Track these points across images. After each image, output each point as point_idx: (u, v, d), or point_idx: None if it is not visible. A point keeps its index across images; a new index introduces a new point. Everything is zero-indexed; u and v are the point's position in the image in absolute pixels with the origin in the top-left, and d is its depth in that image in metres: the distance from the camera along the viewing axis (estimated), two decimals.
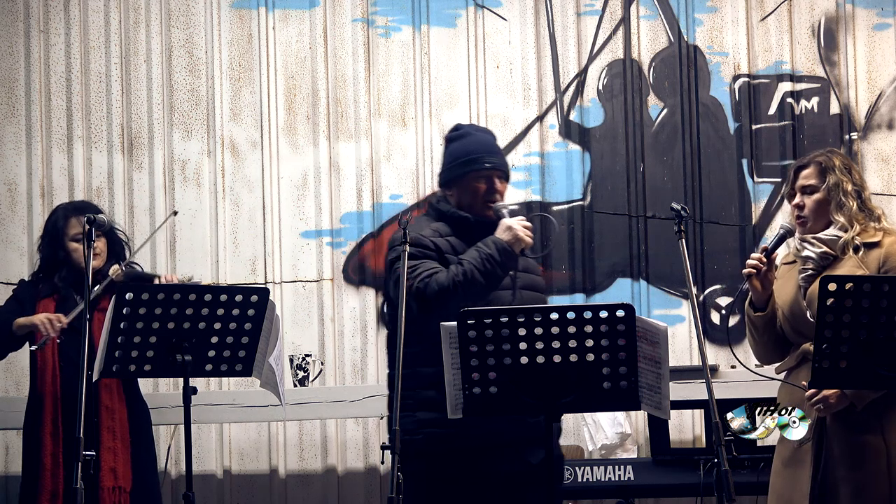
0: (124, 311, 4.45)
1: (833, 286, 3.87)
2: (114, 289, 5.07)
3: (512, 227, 4.38)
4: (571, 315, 3.74)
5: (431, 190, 6.94)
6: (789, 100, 6.87)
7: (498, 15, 7.01)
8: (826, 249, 4.36)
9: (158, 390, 6.61)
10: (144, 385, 5.52)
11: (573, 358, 3.74)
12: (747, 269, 4.37)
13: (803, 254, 4.40)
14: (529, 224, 4.44)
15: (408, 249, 4.22)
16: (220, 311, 4.55)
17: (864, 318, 3.88)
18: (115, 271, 5.25)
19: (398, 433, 3.95)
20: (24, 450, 5.35)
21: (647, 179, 6.90)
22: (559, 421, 4.62)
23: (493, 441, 4.26)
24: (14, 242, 7.00)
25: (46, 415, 5.27)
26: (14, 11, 7.09)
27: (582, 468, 5.87)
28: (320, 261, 6.96)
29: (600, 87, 6.98)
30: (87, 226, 4.57)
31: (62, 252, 5.37)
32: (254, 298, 4.60)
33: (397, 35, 7.04)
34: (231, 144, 7.04)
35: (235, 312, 4.57)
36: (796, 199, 4.46)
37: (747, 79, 6.90)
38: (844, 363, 3.92)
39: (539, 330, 3.72)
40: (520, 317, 3.74)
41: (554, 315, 3.75)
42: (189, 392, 4.55)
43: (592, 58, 6.98)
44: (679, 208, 4.20)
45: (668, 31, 6.95)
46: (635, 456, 6.42)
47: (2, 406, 6.18)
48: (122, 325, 4.46)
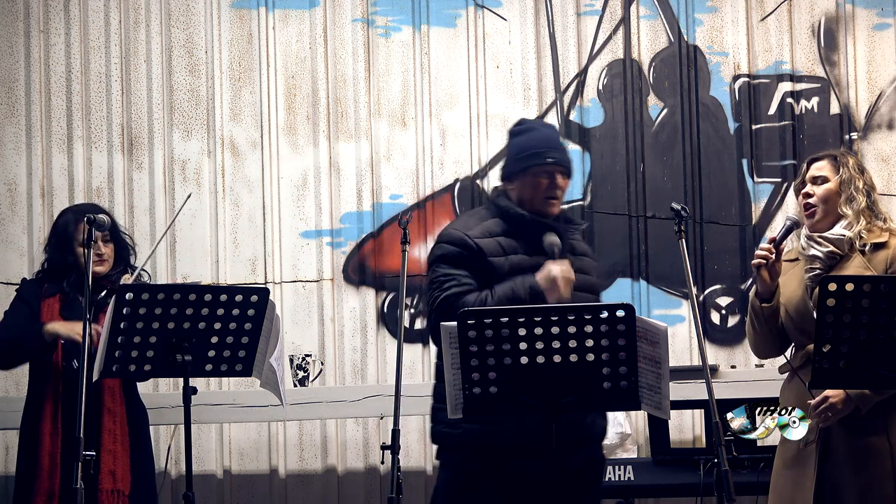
0: (124, 311, 4.45)
1: (833, 286, 3.88)
2: None
3: (555, 279, 4.22)
4: (571, 315, 3.74)
5: (431, 190, 6.96)
6: (789, 100, 6.87)
7: (498, 15, 7.01)
8: (833, 248, 4.36)
9: (158, 390, 6.61)
10: (144, 385, 5.51)
11: (573, 358, 3.74)
12: (756, 260, 4.36)
13: (809, 253, 4.38)
14: (573, 277, 4.26)
15: (407, 249, 4.24)
16: (220, 311, 4.55)
17: (864, 318, 3.88)
18: (127, 282, 5.21)
19: (398, 433, 3.97)
20: (21, 448, 5.33)
21: (647, 179, 6.90)
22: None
23: (531, 440, 4.02)
24: (14, 242, 7.00)
25: (46, 414, 5.26)
26: (14, 11, 7.09)
27: None
28: (320, 261, 6.96)
29: (600, 87, 6.98)
30: (87, 226, 4.56)
31: (71, 256, 5.31)
32: (254, 298, 4.60)
33: (397, 35, 7.04)
34: (231, 144, 7.04)
35: (235, 312, 4.57)
36: (806, 188, 4.45)
37: (747, 79, 6.90)
38: (844, 363, 3.92)
39: (539, 330, 3.72)
40: (520, 317, 3.74)
41: (554, 315, 3.75)
42: (189, 392, 4.55)
43: (592, 58, 6.98)
44: (679, 208, 4.20)
45: (668, 31, 6.95)
46: (635, 456, 6.41)
47: (2, 406, 6.19)
48: (122, 325, 4.46)
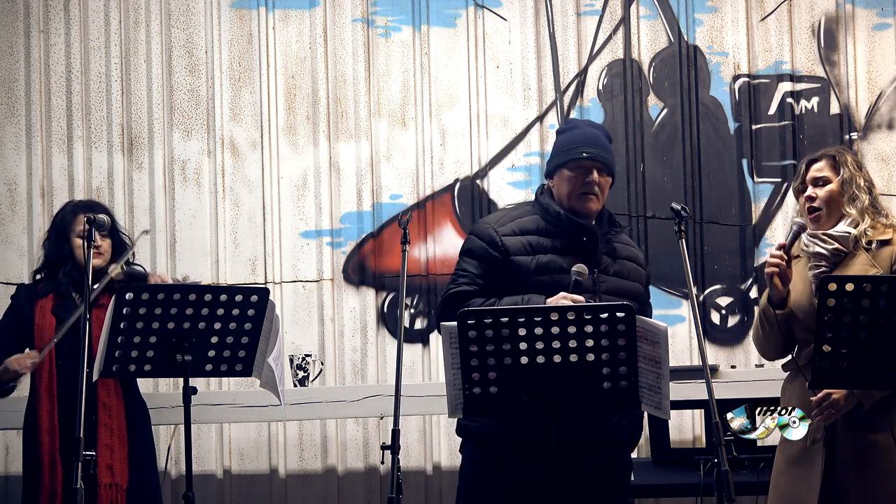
0: (124, 311, 4.46)
1: (833, 286, 3.88)
2: (113, 288, 5.08)
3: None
4: (571, 315, 3.74)
5: (431, 190, 6.96)
6: (789, 100, 6.87)
7: (498, 15, 7.01)
8: (838, 246, 4.35)
9: (158, 390, 6.61)
10: (144, 385, 5.53)
11: (573, 358, 3.74)
12: (770, 269, 4.33)
13: (813, 250, 4.37)
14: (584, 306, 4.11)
15: (407, 249, 4.24)
16: (220, 311, 4.55)
17: (864, 318, 3.88)
18: (115, 270, 5.25)
19: (398, 433, 3.97)
20: (24, 449, 5.37)
21: (647, 179, 6.90)
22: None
23: (541, 441, 3.94)
24: (14, 242, 7.00)
25: (43, 413, 5.28)
26: (14, 11, 7.09)
27: None
28: (320, 261, 6.96)
29: (600, 87, 6.97)
30: (87, 226, 4.57)
31: (67, 246, 5.39)
32: (254, 298, 4.60)
33: (397, 35, 7.03)
34: (231, 144, 7.04)
35: (235, 312, 4.58)
36: (808, 192, 4.44)
37: (747, 79, 6.90)
38: (844, 363, 3.92)
39: (539, 330, 3.72)
40: (520, 317, 3.74)
41: (554, 315, 3.75)
42: (189, 392, 4.55)
43: (592, 58, 6.98)
44: (679, 208, 4.20)
45: (668, 31, 6.95)
46: (635, 456, 6.40)
47: (2, 406, 6.18)
48: (122, 325, 4.46)
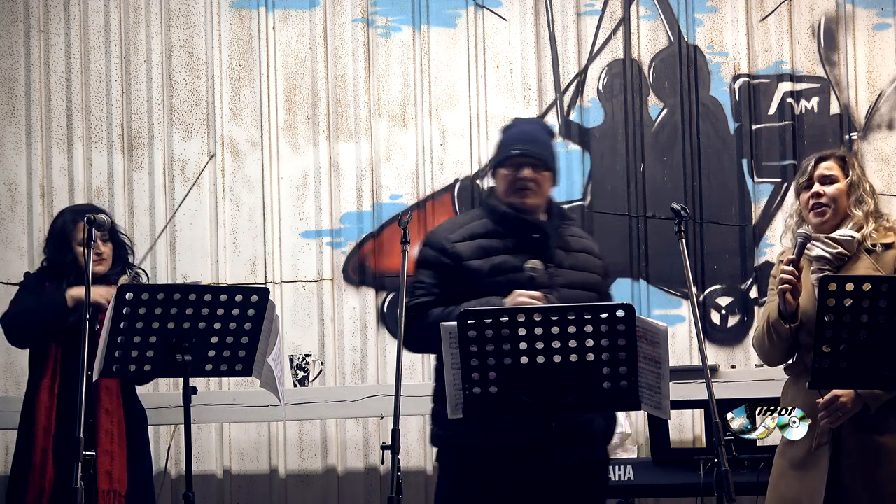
0: (124, 311, 4.45)
1: (833, 286, 3.88)
2: None
3: (522, 304, 4.10)
4: (571, 315, 3.74)
5: (431, 190, 6.96)
6: (789, 100, 6.87)
7: (498, 15, 7.01)
8: (841, 250, 4.35)
9: (158, 390, 6.60)
10: (144, 385, 5.51)
11: (573, 358, 3.73)
12: (783, 286, 4.26)
13: (814, 253, 4.36)
14: (541, 302, 4.14)
15: (407, 249, 4.24)
16: (220, 311, 4.55)
17: (864, 318, 3.88)
18: (124, 281, 5.22)
19: (398, 433, 3.98)
20: (17, 443, 5.35)
21: (647, 179, 6.90)
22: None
23: (525, 440, 4.04)
24: (14, 242, 7.00)
25: (41, 410, 5.26)
26: (14, 11, 7.09)
27: None
28: (320, 261, 6.96)
29: (600, 87, 6.98)
30: (87, 225, 4.56)
31: (70, 255, 5.32)
32: (254, 298, 4.60)
33: (397, 35, 7.04)
34: (231, 144, 7.04)
35: (235, 312, 4.57)
36: (815, 188, 4.43)
37: (747, 79, 6.90)
38: (844, 363, 3.92)
39: (539, 330, 3.72)
40: (520, 317, 3.74)
41: (554, 315, 3.75)
42: (189, 392, 4.55)
43: (592, 58, 6.98)
44: (679, 208, 4.20)
45: (668, 31, 6.95)
46: (635, 456, 6.41)
47: (2, 406, 6.18)
48: (122, 325, 4.46)
